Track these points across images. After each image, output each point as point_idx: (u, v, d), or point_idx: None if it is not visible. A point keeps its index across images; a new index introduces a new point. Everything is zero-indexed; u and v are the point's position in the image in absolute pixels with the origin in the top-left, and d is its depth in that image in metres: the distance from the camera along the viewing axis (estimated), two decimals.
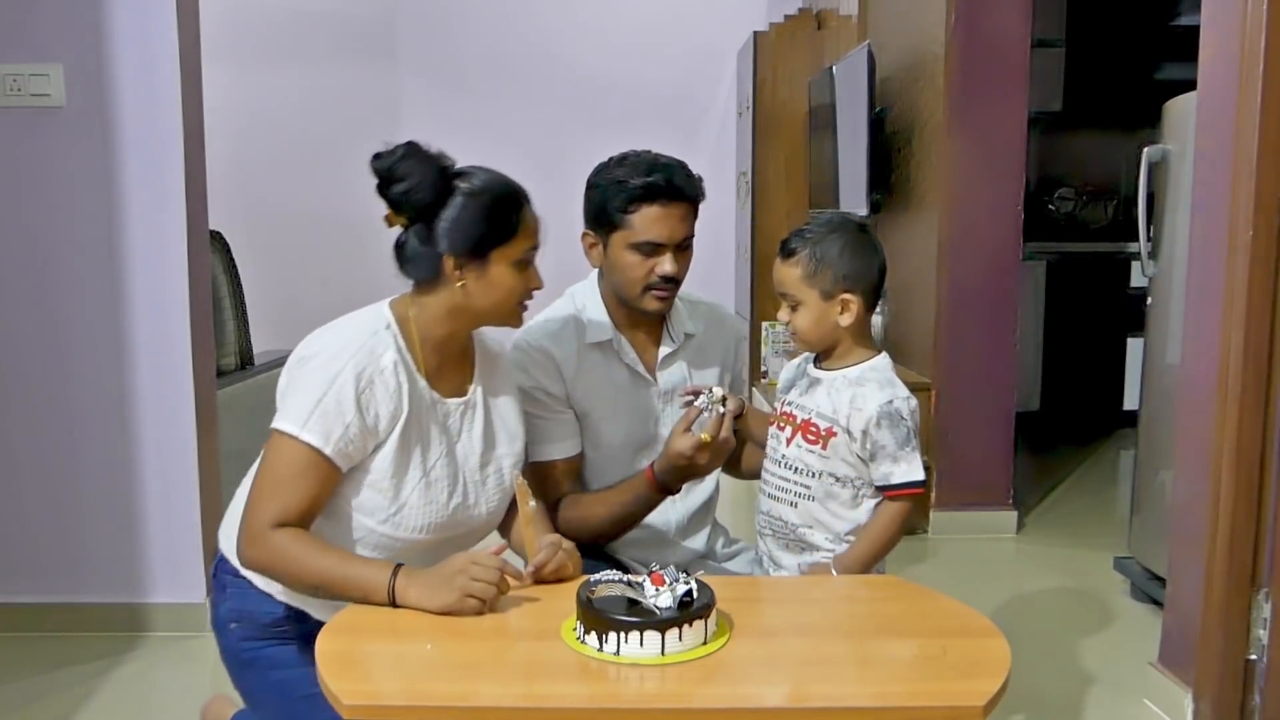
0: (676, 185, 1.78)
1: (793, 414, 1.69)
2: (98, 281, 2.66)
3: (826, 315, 1.64)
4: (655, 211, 1.77)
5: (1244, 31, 2.10)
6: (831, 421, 1.63)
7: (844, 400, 1.63)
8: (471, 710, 1.22)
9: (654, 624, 1.25)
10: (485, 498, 1.63)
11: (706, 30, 5.56)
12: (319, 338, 1.54)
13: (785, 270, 1.66)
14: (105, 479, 2.72)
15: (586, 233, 1.87)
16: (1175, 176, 2.82)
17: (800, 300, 1.65)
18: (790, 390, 1.73)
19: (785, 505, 1.67)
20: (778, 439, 1.70)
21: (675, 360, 1.92)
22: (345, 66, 5.51)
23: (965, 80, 3.46)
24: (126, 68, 2.60)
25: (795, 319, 1.67)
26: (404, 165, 1.55)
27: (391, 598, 1.39)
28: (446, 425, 1.59)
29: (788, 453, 1.67)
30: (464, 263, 1.53)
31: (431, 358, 1.57)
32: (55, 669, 2.53)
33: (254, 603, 1.60)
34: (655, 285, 1.80)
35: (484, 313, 1.57)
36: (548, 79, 5.55)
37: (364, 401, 1.48)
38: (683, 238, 1.81)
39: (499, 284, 1.54)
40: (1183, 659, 2.30)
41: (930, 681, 1.24)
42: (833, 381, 1.66)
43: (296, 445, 1.46)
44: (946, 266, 3.54)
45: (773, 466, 1.70)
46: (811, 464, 1.65)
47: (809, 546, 1.66)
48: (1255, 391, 2.13)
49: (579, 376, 1.84)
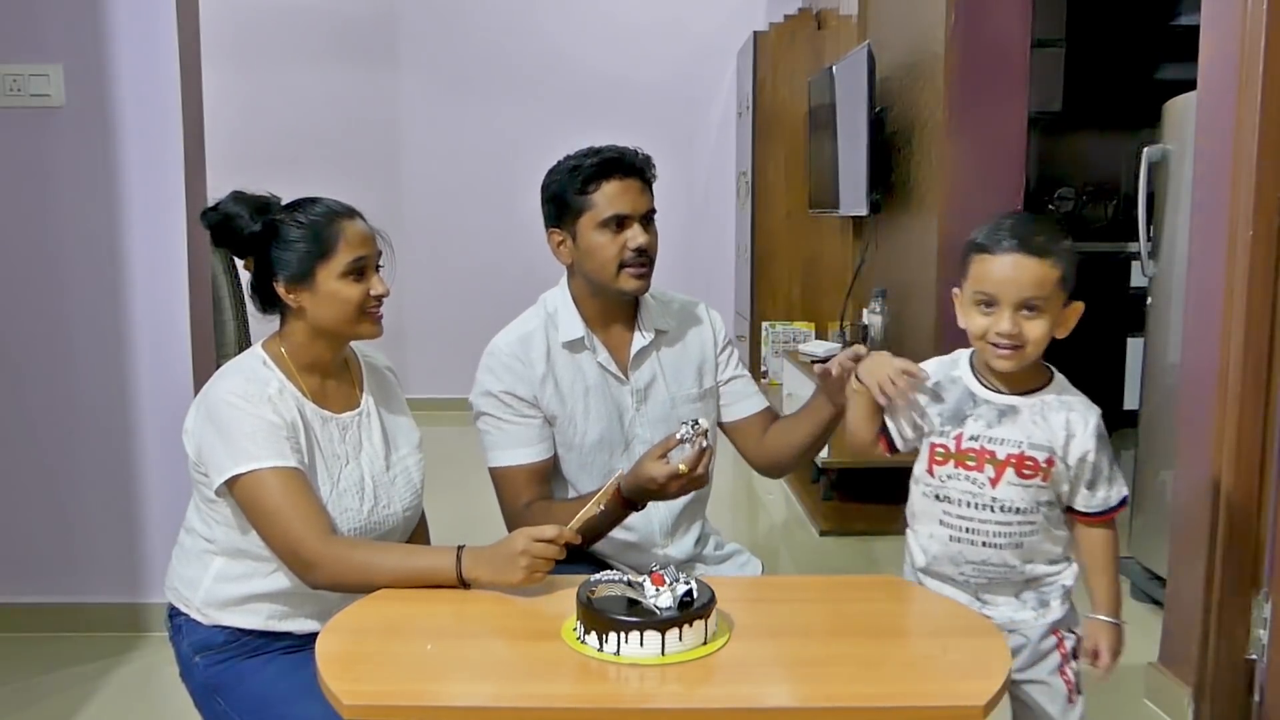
0: (628, 160, 1.83)
1: (990, 450, 1.50)
2: (98, 281, 2.66)
3: (1054, 327, 1.47)
4: (615, 185, 1.80)
5: (1244, 31, 2.10)
6: (1049, 451, 1.48)
7: (1058, 425, 1.48)
8: (471, 710, 1.22)
9: (654, 624, 1.25)
10: (398, 497, 1.69)
11: (706, 30, 5.56)
12: (208, 395, 1.59)
13: (1040, 270, 1.43)
14: (105, 479, 2.72)
15: (552, 232, 1.86)
16: (1175, 176, 2.82)
17: (1046, 306, 1.44)
18: (961, 422, 1.53)
19: (1008, 550, 1.51)
20: (974, 481, 1.51)
21: (647, 357, 1.90)
22: (345, 66, 5.51)
23: (965, 80, 3.46)
24: (126, 68, 2.60)
25: (1030, 328, 1.44)
26: (226, 208, 1.65)
27: (461, 580, 1.44)
28: (346, 438, 1.65)
29: (998, 494, 1.50)
30: (294, 286, 1.60)
31: (312, 380, 1.65)
32: (55, 669, 2.53)
33: (208, 633, 1.63)
34: (630, 262, 1.80)
35: (331, 328, 1.62)
36: (547, 79, 5.55)
37: (279, 416, 1.55)
38: (646, 210, 1.83)
39: (333, 298, 1.59)
40: (1183, 659, 2.30)
41: (930, 681, 1.24)
42: (1035, 407, 1.50)
43: (267, 475, 1.51)
44: (946, 266, 3.54)
45: (978, 513, 1.51)
46: (1028, 499, 1.50)
47: (1032, 580, 1.54)
48: (1255, 391, 2.13)
49: (548, 378, 1.84)
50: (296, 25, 5.46)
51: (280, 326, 1.66)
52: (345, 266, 1.59)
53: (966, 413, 1.52)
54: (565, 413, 1.85)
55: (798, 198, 5.05)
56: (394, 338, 1.91)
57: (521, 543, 1.41)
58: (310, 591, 1.55)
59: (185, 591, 1.65)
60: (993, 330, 1.45)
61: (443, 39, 5.57)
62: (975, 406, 1.52)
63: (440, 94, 5.58)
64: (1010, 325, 1.43)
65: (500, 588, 1.43)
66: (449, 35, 5.57)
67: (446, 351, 5.56)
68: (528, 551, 1.40)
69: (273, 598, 1.61)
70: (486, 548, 1.46)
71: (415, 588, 1.46)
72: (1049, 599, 1.54)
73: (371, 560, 1.50)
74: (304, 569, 1.50)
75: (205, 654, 1.62)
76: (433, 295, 5.50)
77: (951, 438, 1.52)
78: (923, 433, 1.57)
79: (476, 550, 1.46)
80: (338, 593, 1.52)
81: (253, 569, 1.60)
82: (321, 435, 1.62)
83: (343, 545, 1.52)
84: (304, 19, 5.47)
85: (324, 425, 1.62)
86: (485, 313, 5.80)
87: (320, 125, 5.48)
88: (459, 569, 1.44)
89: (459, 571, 1.44)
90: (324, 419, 1.63)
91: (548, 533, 1.42)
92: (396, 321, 1.92)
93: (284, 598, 1.61)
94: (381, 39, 5.56)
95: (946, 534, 1.53)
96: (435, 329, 5.55)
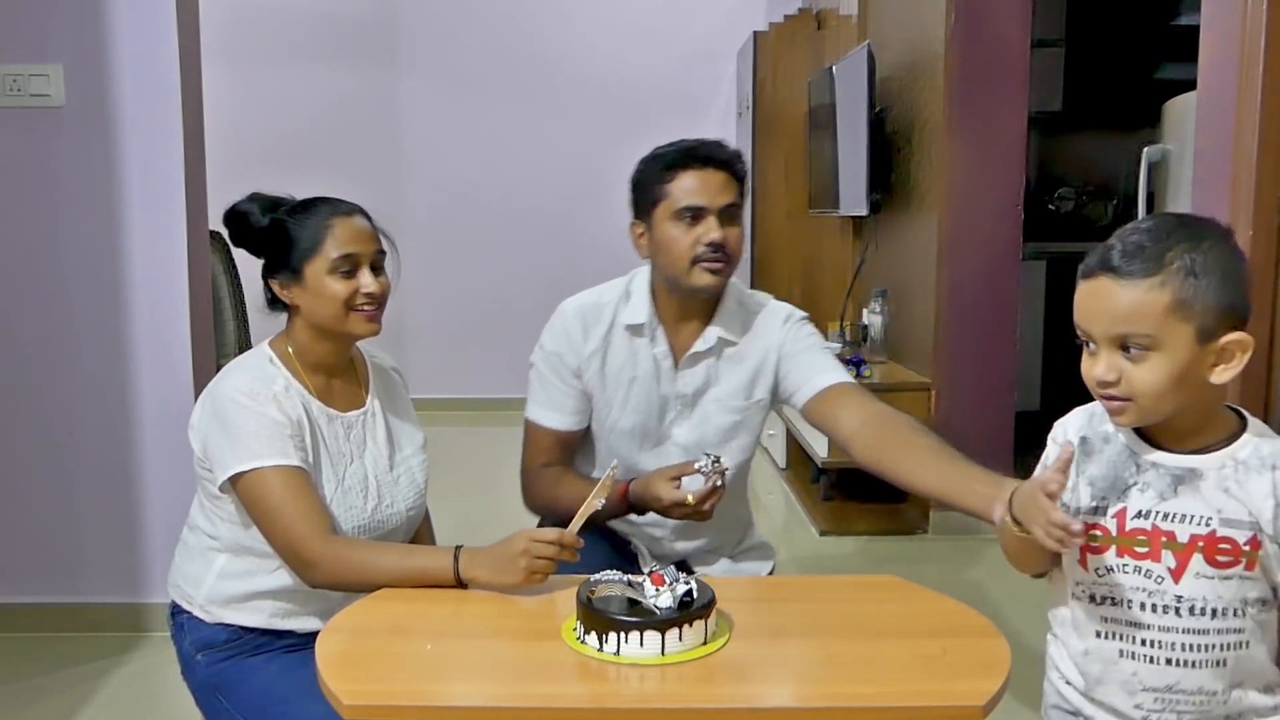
0: (711, 152, 1.75)
1: (1168, 531, 1.15)
2: (98, 281, 2.66)
3: (1198, 368, 1.10)
4: (693, 176, 1.74)
5: (1244, 31, 2.10)
6: (1252, 528, 1.12)
7: (1261, 491, 1.12)
8: (471, 710, 1.22)
9: (654, 624, 1.25)
10: (401, 496, 1.70)
11: (706, 30, 5.56)
12: (214, 391, 1.60)
13: (1134, 294, 1.09)
14: (105, 479, 2.72)
15: (633, 223, 1.82)
16: (1175, 176, 2.82)
17: (1156, 344, 1.09)
18: (1123, 494, 1.18)
19: (1205, 671, 1.16)
20: (1148, 574, 1.16)
21: (704, 360, 1.84)
22: (345, 66, 5.51)
23: (965, 80, 3.46)
24: (126, 68, 2.60)
25: (1136, 375, 1.10)
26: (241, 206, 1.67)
27: (459, 580, 1.44)
28: (350, 436, 1.66)
29: (1184, 590, 1.15)
30: (287, 283, 1.63)
31: (317, 379, 1.65)
32: (55, 669, 2.53)
33: (210, 631, 1.63)
34: (704, 256, 1.73)
35: (323, 325, 1.63)
36: (547, 79, 5.55)
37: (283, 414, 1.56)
38: (726, 204, 1.74)
39: (320, 294, 1.60)
40: None
41: (930, 681, 1.24)
42: (1225, 468, 1.14)
43: (270, 473, 1.52)
44: (946, 266, 3.54)
45: (1157, 618, 1.16)
46: (1229, 595, 1.14)
47: (1243, 714, 1.18)
48: (1255, 391, 2.13)
49: (597, 355, 1.82)
50: (296, 25, 5.46)
51: (287, 326, 1.67)
52: (331, 263, 1.59)
53: (1129, 481, 1.18)
54: (604, 395, 1.84)
55: (798, 198, 5.04)
56: (393, 337, 1.91)
57: (522, 543, 1.41)
58: (312, 590, 1.55)
59: (188, 589, 1.65)
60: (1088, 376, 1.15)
61: (443, 39, 5.57)
62: (1140, 472, 1.17)
63: (440, 94, 5.58)
64: (1105, 370, 1.12)
65: (498, 588, 1.43)
66: (449, 35, 5.57)
67: (446, 351, 5.57)
68: (528, 552, 1.40)
69: (275, 595, 1.61)
70: (486, 548, 1.46)
71: (414, 587, 1.46)
72: None
73: (370, 560, 1.50)
74: (304, 568, 1.51)
75: (207, 652, 1.62)
76: (432, 295, 5.50)
77: (1111, 516, 1.17)
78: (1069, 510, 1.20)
79: (475, 550, 1.46)
80: (339, 592, 1.52)
81: (256, 566, 1.61)
82: (327, 433, 1.62)
83: (342, 545, 1.52)
84: (303, 19, 5.47)
85: (329, 423, 1.63)
86: (485, 313, 5.84)
87: (320, 125, 5.48)
88: (456, 569, 1.44)
89: (457, 571, 1.44)
90: (329, 417, 1.64)
91: (549, 535, 1.41)
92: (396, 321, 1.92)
93: (287, 595, 1.61)
94: (381, 39, 5.56)
95: (1113, 649, 1.19)
96: (434, 329, 5.55)
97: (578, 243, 5.43)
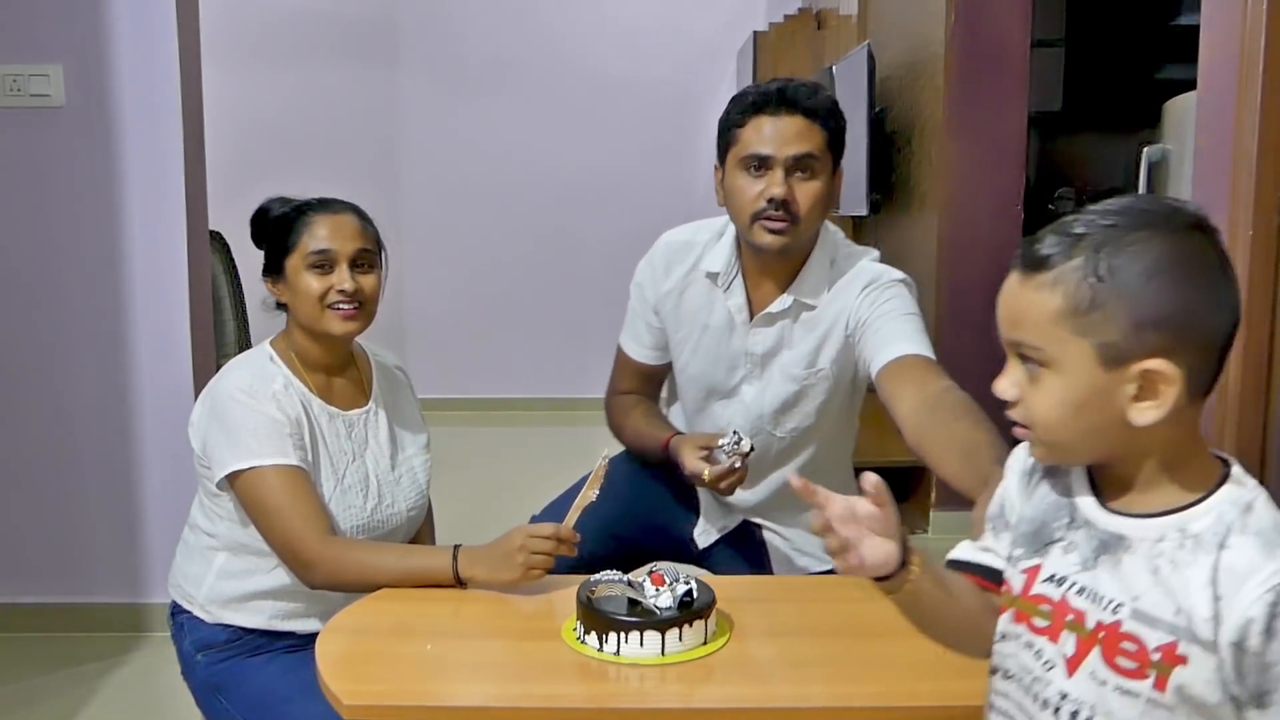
0: (790, 95, 1.59)
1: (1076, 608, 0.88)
2: (98, 281, 2.66)
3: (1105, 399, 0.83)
4: (765, 120, 1.59)
5: (1244, 31, 2.10)
6: (1174, 631, 0.82)
7: (1199, 580, 0.81)
8: (471, 710, 1.22)
9: (654, 624, 1.25)
10: (402, 496, 1.69)
11: (706, 30, 5.55)
12: (214, 389, 1.61)
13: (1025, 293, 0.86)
14: (105, 479, 2.72)
15: (716, 166, 1.72)
16: (1175, 176, 2.82)
17: (1049, 360, 0.85)
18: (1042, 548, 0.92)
19: None
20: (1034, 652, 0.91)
21: (776, 323, 1.72)
22: (345, 66, 5.50)
23: (965, 80, 3.46)
24: (126, 68, 2.59)
25: (1032, 397, 0.88)
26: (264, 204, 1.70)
27: (458, 579, 1.44)
28: (351, 435, 1.65)
29: (1071, 690, 0.87)
30: (274, 280, 1.64)
31: (318, 377, 1.65)
32: (55, 669, 2.53)
33: (210, 631, 1.63)
34: (763, 213, 1.59)
35: (305, 324, 1.63)
36: (547, 79, 5.55)
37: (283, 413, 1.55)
38: (797, 154, 1.59)
39: (300, 291, 1.61)
40: None
41: (930, 681, 1.24)
42: (1161, 543, 0.85)
43: (268, 473, 1.51)
44: (946, 266, 3.54)
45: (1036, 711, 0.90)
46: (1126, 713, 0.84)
47: None
48: (1255, 391, 2.13)
49: (673, 294, 1.79)
50: (296, 25, 5.46)
51: (287, 325, 1.68)
52: (307, 259, 1.60)
53: (1055, 535, 0.92)
54: (678, 336, 1.81)
55: None
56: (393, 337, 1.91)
57: (519, 539, 1.41)
58: (312, 590, 1.55)
59: (189, 588, 1.65)
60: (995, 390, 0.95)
61: (443, 39, 5.57)
62: (1071, 528, 0.91)
63: (440, 94, 5.57)
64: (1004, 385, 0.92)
65: (496, 586, 1.43)
66: (449, 35, 5.56)
67: (445, 351, 5.56)
68: (525, 548, 1.40)
69: (275, 595, 1.61)
70: (483, 546, 1.46)
71: (413, 587, 1.46)
72: None
73: (368, 560, 1.50)
74: (302, 568, 1.51)
75: (207, 652, 1.62)
76: (431, 295, 5.49)
77: (1022, 571, 0.93)
78: None
79: (473, 549, 1.46)
80: (337, 592, 1.52)
81: (255, 565, 1.61)
82: (327, 431, 1.62)
83: (340, 545, 1.52)
84: (303, 19, 5.46)
85: (330, 421, 1.63)
86: (484, 313, 5.83)
87: (320, 125, 5.48)
88: (455, 567, 1.44)
89: (455, 570, 1.44)
90: (330, 415, 1.63)
91: (545, 530, 1.41)
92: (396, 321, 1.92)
93: (286, 595, 1.61)
94: (381, 39, 5.55)
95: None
96: (433, 328, 5.55)
97: (578, 243, 5.43)
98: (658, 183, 5.34)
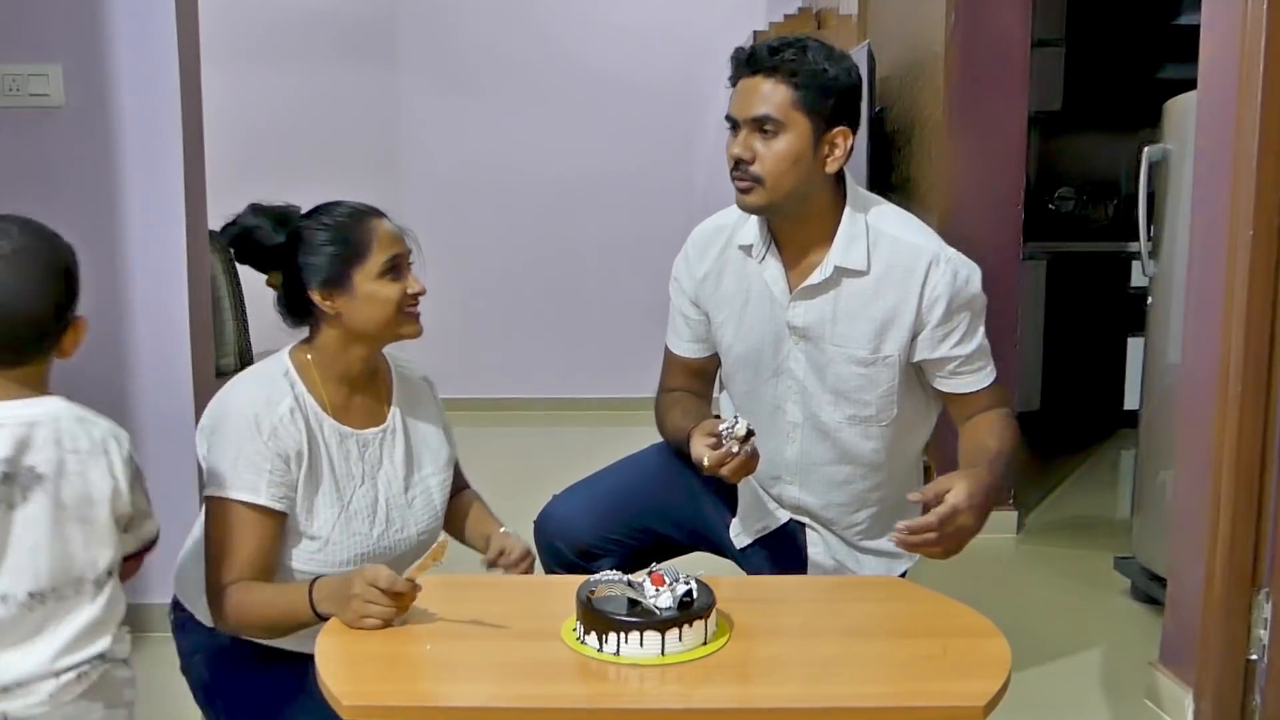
0: (754, 56, 1.59)
1: None
2: (97, 281, 2.64)
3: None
4: (738, 84, 1.63)
5: (1244, 31, 2.10)
6: None
7: None
8: (471, 710, 1.22)
9: (654, 624, 1.25)
10: (414, 519, 1.65)
11: (706, 30, 5.55)
12: (222, 399, 1.58)
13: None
14: None
15: None
16: (1175, 176, 2.82)
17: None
18: None
19: None
20: None
21: (819, 294, 1.68)
22: (345, 66, 5.50)
23: (965, 80, 3.46)
24: (126, 68, 2.59)
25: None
26: (245, 221, 1.60)
27: (316, 612, 1.42)
28: (364, 456, 1.61)
29: None
30: (330, 292, 1.56)
31: (338, 394, 1.60)
32: None
33: (209, 636, 1.62)
34: (731, 172, 1.63)
35: (370, 332, 1.59)
36: (547, 79, 5.55)
37: (273, 447, 1.51)
38: (754, 115, 1.58)
39: (372, 300, 1.56)
40: (1183, 659, 2.30)
41: (930, 681, 1.24)
42: None
43: (230, 506, 1.50)
44: None
45: None
46: None
47: None
48: (1255, 391, 2.13)
49: (710, 277, 1.79)
50: (296, 25, 5.46)
51: (310, 336, 1.62)
52: (381, 266, 1.56)
53: None
54: (719, 317, 1.80)
55: None
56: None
57: (358, 586, 1.36)
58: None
59: (191, 594, 1.64)
60: None
61: (443, 39, 5.57)
62: None
63: (440, 94, 5.57)
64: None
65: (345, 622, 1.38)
66: (449, 35, 5.56)
67: (446, 352, 5.55)
68: (361, 596, 1.35)
69: None
70: (335, 579, 1.44)
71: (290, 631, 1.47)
72: None
73: (254, 603, 1.48)
74: (213, 609, 1.51)
75: (205, 654, 1.62)
76: (430, 295, 5.48)
77: None
78: None
79: (327, 580, 1.45)
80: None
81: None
82: (336, 454, 1.58)
83: (239, 590, 1.49)
84: (304, 19, 5.46)
85: (341, 443, 1.59)
86: (483, 313, 5.83)
87: (320, 125, 5.48)
88: (311, 601, 1.42)
89: (312, 604, 1.42)
90: (342, 436, 1.59)
91: (382, 580, 1.34)
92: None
93: None
94: (381, 39, 5.55)
95: None
96: (432, 328, 5.53)
97: (577, 242, 5.42)
98: (658, 182, 5.34)
